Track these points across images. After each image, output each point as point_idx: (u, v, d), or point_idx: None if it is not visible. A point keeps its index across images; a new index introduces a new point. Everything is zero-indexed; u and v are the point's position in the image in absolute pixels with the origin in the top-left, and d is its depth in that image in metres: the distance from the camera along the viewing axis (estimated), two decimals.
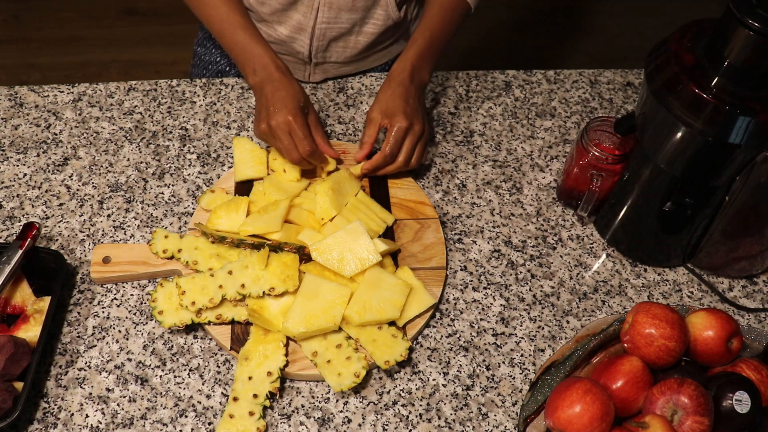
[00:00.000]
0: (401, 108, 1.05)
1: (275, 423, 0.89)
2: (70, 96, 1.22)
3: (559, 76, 1.31)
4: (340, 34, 1.20)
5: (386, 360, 0.90)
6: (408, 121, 1.04)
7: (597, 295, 1.03)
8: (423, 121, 1.07)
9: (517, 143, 1.20)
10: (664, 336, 0.83)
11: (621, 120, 0.98)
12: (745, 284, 1.06)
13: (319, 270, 0.97)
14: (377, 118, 1.06)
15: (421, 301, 0.96)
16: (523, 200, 1.13)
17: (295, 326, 0.90)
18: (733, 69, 0.83)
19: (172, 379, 0.91)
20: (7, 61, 2.63)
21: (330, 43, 1.21)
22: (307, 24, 1.18)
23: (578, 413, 0.79)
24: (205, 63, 1.36)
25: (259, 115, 1.04)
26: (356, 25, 1.20)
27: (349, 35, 1.21)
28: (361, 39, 1.23)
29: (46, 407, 0.88)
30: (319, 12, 1.17)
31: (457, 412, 0.91)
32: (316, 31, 1.19)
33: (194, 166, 1.13)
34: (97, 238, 1.04)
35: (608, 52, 2.78)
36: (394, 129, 1.04)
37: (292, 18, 1.18)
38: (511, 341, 0.97)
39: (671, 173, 0.93)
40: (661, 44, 0.91)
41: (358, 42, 1.23)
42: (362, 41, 1.23)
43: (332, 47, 1.22)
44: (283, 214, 1.01)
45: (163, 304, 0.93)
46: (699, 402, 0.79)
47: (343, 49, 1.23)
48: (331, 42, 1.21)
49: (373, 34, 1.22)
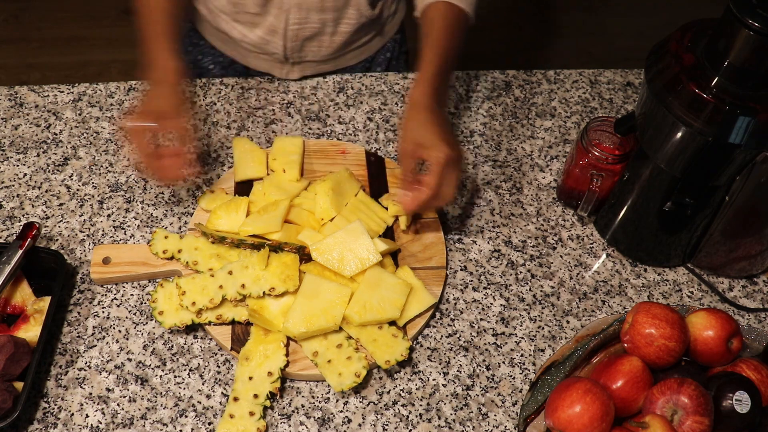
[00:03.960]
0: (437, 136, 0.94)
1: (275, 423, 0.89)
2: (70, 96, 1.22)
3: (559, 76, 1.31)
4: (313, 34, 1.20)
5: (387, 360, 0.90)
6: (448, 151, 0.93)
7: (597, 295, 1.03)
8: (459, 146, 0.99)
9: (517, 143, 1.20)
10: (664, 336, 0.83)
11: (621, 120, 0.98)
12: (745, 284, 1.06)
13: (320, 270, 0.97)
14: (412, 151, 0.96)
15: (422, 300, 0.96)
16: (523, 200, 1.13)
17: (295, 326, 0.90)
18: (733, 69, 0.83)
19: (172, 379, 0.91)
20: (7, 61, 2.63)
21: (304, 43, 1.21)
22: (278, 26, 1.18)
23: (578, 413, 0.79)
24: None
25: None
26: (328, 25, 1.19)
27: (323, 35, 1.21)
28: (336, 38, 1.22)
29: (46, 407, 0.88)
30: (290, 14, 1.16)
31: (457, 412, 0.91)
32: (289, 32, 1.19)
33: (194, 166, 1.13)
34: (97, 238, 1.04)
35: (608, 52, 2.78)
36: (436, 162, 0.93)
37: (265, 20, 1.18)
38: (511, 341, 0.97)
39: (671, 173, 0.93)
40: (661, 44, 0.91)
41: (333, 41, 1.23)
42: (337, 40, 1.23)
43: (306, 47, 1.22)
44: (283, 214, 1.01)
45: (163, 305, 0.93)
46: (699, 402, 0.79)
47: (318, 48, 1.23)
48: (305, 42, 1.21)
49: (348, 33, 1.22)
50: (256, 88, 1.25)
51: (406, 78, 1.28)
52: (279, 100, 1.23)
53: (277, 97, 1.24)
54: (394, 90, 1.26)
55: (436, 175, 0.93)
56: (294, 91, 1.25)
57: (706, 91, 0.83)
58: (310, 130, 1.19)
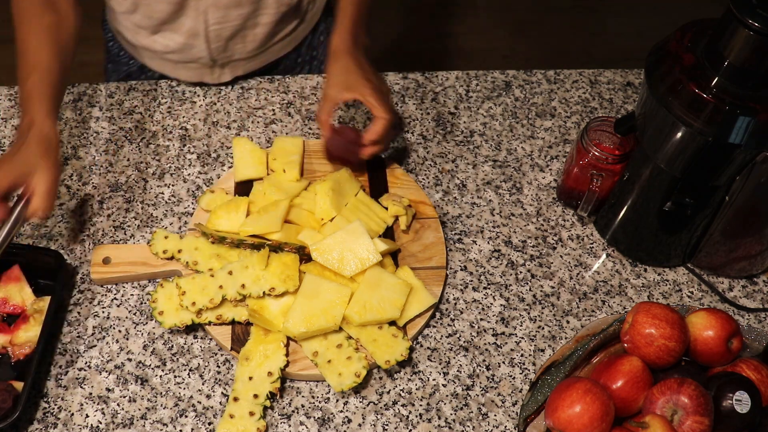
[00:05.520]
0: (362, 76, 1.03)
1: (275, 423, 0.89)
2: (70, 96, 1.22)
3: (559, 76, 1.31)
4: (235, 31, 1.18)
5: (387, 359, 0.90)
6: (377, 84, 1.03)
7: (597, 295, 1.03)
8: (384, 82, 1.07)
9: (517, 143, 1.20)
10: (664, 336, 0.84)
11: (621, 120, 0.98)
12: (745, 284, 1.06)
13: (320, 270, 0.97)
14: (337, 95, 1.03)
15: (422, 300, 0.96)
16: (523, 200, 1.13)
17: (295, 326, 0.90)
18: (733, 69, 0.83)
19: (172, 379, 0.91)
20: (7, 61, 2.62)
21: (227, 43, 1.19)
22: (199, 28, 1.16)
23: (578, 413, 0.79)
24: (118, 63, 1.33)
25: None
26: (248, 19, 1.17)
27: (245, 30, 1.19)
28: (258, 31, 1.20)
29: (46, 407, 0.88)
30: (207, 14, 1.14)
31: (457, 412, 0.91)
32: (210, 33, 1.16)
33: (194, 166, 1.13)
34: (97, 238, 1.04)
35: (608, 52, 2.78)
36: (369, 96, 1.01)
37: (183, 25, 1.16)
38: (511, 341, 0.97)
39: (671, 173, 0.93)
40: (661, 44, 0.91)
41: (257, 35, 1.21)
42: (260, 33, 1.21)
43: (231, 46, 1.20)
44: (283, 214, 1.01)
45: (163, 305, 0.93)
46: (699, 402, 0.79)
47: (243, 44, 1.21)
48: (228, 41, 1.19)
49: (270, 24, 1.20)
50: (256, 88, 1.25)
51: (406, 78, 1.28)
52: (279, 100, 1.23)
53: (277, 97, 1.24)
54: (394, 90, 1.26)
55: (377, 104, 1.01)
56: (294, 91, 1.25)
57: (706, 91, 0.83)
58: (310, 130, 1.19)
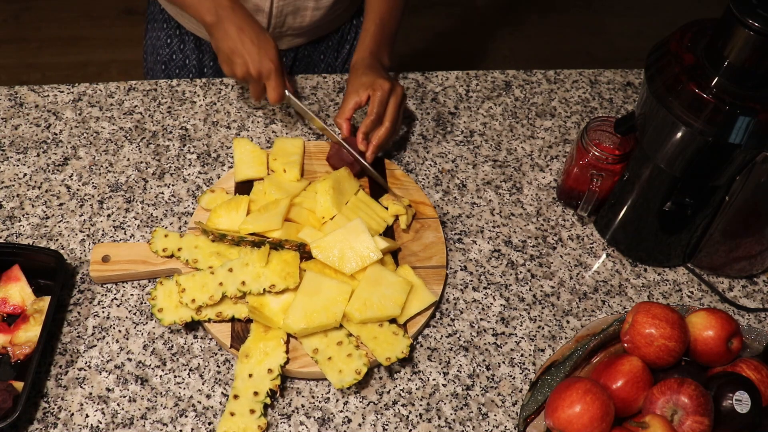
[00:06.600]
0: (379, 75, 1.07)
1: (275, 423, 0.89)
2: (70, 96, 1.22)
3: (559, 76, 1.31)
4: (296, 9, 1.23)
5: (387, 356, 0.90)
6: (389, 83, 1.06)
7: (597, 295, 1.03)
8: (400, 84, 1.10)
9: (517, 143, 1.20)
10: (664, 336, 0.84)
11: (621, 120, 0.98)
12: (745, 284, 1.06)
13: (320, 267, 0.97)
14: (357, 90, 1.07)
15: (422, 298, 0.96)
16: (523, 200, 1.13)
17: (295, 323, 0.90)
18: (733, 69, 0.83)
19: (172, 379, 0.91)
20: (7, 61, 2.62)
21: (286, 18, 1.24)
22: (264, 4, 1.20)
23: (578, 413, 0.79)
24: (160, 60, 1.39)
25: (233, 57, 1.05)
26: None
27: (305, 10, 1.23)
28: (317, 13, 1.25)
29: (46, 407, 0.88)
30: None
31: (457, 412, 0.91)
32: (274, 10, 1.21)
33: (194, 166, 1.13)
34: (97, 237, 1.04)
35: (608, 52, 2.78)
36: (378, 93, 1.06)
37: (248, 1, 1.20)
38: (511, 341, 0.97)
39: (671, 173, 0.93)
40: (661, 44, 0.91)
41: (314, 15, 1.25)
42: (317, 15, 1.25)
43: (287, 22, 1.25)
44: (284, 212, 1.01)
45: (162, 302, 0.93)
46: (699, 402, 0.79)
47: (300, 21, 1.25)
48: (287, 17, 1.24)
49: (327, 7, 1.24)
50: None
51: (406, 78, 1.28)
52: None
53: None
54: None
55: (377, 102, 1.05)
56: (294, 91, 1.25)
57: (706, 91, 0.83)
58: (310, 130, 1.19)
